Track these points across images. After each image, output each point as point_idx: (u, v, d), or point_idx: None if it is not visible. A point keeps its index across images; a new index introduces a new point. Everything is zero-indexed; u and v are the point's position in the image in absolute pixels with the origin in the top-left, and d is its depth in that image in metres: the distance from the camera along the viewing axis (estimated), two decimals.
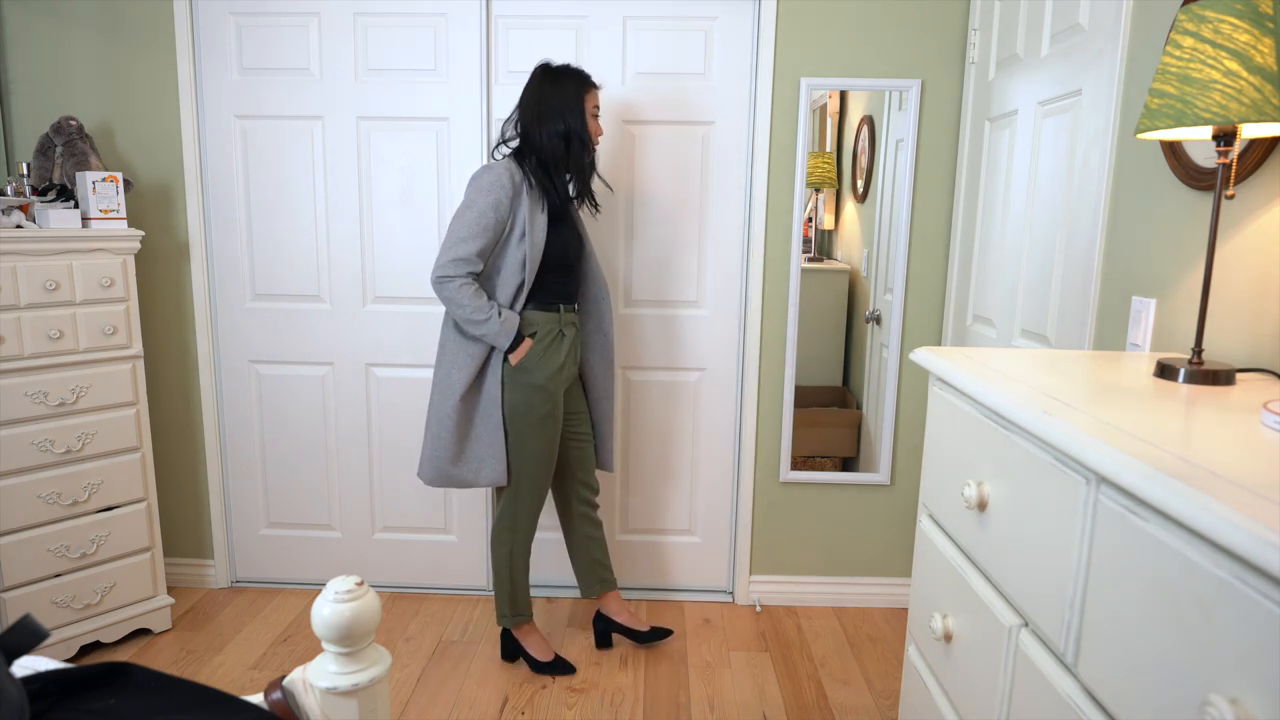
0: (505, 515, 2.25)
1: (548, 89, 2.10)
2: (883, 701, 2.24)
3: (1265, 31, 1.02)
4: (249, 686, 2.25)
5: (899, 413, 2.68)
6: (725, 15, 2.50)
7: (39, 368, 2.18)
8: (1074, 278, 1.81)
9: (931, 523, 1.36)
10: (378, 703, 0.99)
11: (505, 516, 2.25)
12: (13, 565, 2.17)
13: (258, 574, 2.85)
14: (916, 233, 2.58)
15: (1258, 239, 1.27)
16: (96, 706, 0.77)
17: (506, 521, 2.25)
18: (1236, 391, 1.08)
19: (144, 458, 2.42)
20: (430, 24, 2.52)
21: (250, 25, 2.53)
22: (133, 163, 2.60)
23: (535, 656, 2.32)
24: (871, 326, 2.67)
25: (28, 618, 0.75)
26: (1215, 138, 1.11)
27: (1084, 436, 0.84)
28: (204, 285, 2.66)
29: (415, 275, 2.64)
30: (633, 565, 2.80)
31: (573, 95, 2.10)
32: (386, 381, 2.71)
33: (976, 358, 1.27)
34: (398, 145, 2.58)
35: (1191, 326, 1.42)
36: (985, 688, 1.10)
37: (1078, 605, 0.87)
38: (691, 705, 2.20)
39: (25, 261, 2.13)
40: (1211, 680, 0.66)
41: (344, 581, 0.97)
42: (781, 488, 2.74)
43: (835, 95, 2.57)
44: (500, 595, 2.30)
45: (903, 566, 2.78)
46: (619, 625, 2.44)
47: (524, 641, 2.34)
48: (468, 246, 2.03)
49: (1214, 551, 0.67)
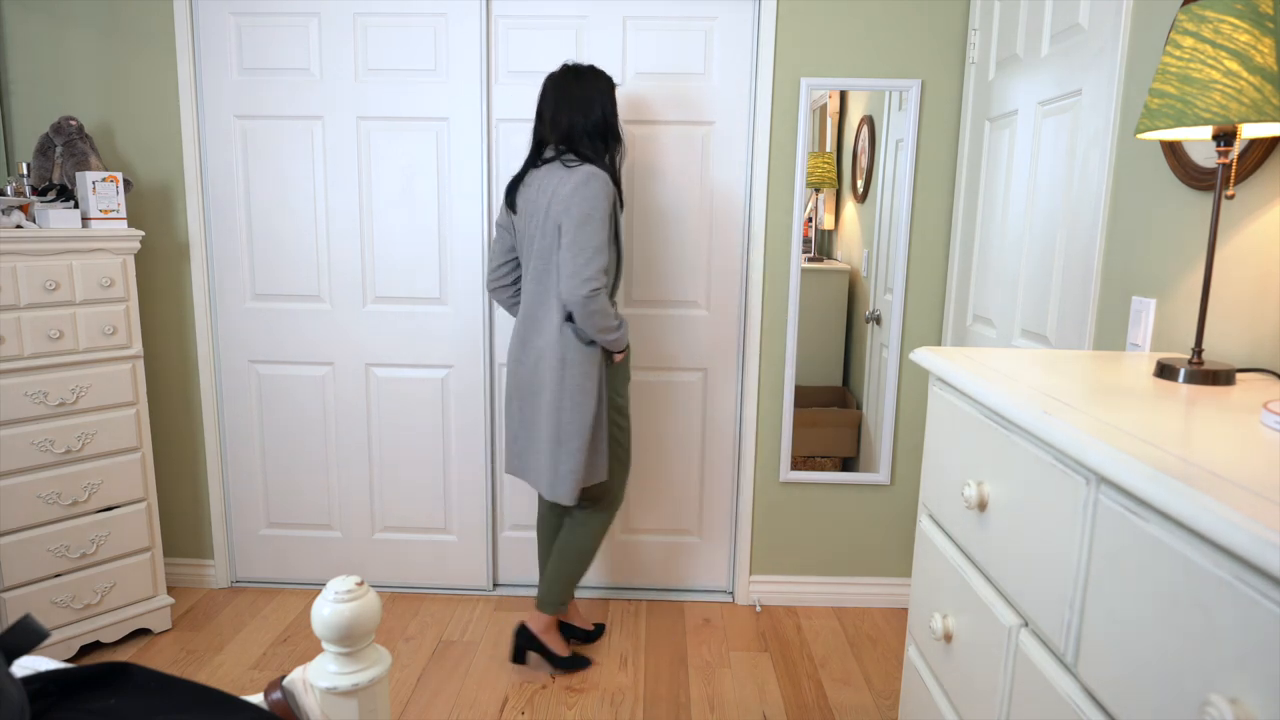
0: (605, 506, 2.28)
1: (605, 85, 2.11)
2: (883, 701, 2.24)
3: (1265, 31, 1.02)
4: (249, 686, 2.25)
5: (899, 413, 2.68)
6: (725, 15, 2.50)
7: (39, 368, 2.18)
8: (1074, 278, 1.81)
9: (931, 523, 1.36)
10: (378, 703, 0.99)
11: (605, 508, 2.28)
12: (13, 565, 2.17)
13: (258, 574, 2.85)
14: (916, 233, 2.58)
15: (1258, 239, 1.27)
16: (96, 706, 0.77)
17: (606, 514, 2.28)
18: (1236, 391, 1.08)
19: (144, 458, 2.42)
20: (430, 24, 2.52)
21: (250, 25, 2.53)
22: (133, 163, 2.60)
23: (556, 651, 2.33)
24: (871, 326, 2.67)
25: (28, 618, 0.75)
26: (1215, 138, 1.11)
27: (1084, 436, 0.84)
28: (204, 285, 2.66)
29: (415, 275, 2.65)
30: (633, 565, 2.80)
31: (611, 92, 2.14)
32: (386, 381, 2.71)
33: (976, 358, 1.27)
34: (398, 145, 2.58)
35: (1191, 326, 1.42)
36: (985, 688, 1.10)
37: (1078, 605, 0.87)
38: (691, 705, 2.20)
39: (25, 261, 2.13)
40: (1211, 680, 0.66)
41: (344, 581, 0.97)
42: (781, 488, 2.74)
43: (835, 95, 2.57)
44: (567, 583, 2.29)
45: (903, 566, 2.78)
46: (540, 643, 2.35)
47: (547, 636, 2.33)
48: (603, 256, 2.00)
49: (1214, 551, 0.67)
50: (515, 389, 2.20)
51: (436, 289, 2.65)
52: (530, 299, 2.13)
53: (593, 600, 2.78)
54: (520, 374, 2.17)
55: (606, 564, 2.80)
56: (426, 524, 2.79)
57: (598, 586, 2.82)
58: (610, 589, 2.82)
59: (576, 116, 2.07)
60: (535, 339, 2.13)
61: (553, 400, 2.10)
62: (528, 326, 2.15)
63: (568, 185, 2.01)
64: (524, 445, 2.21)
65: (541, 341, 2.11)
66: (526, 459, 2.21)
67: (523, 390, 2.17)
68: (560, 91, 2.09)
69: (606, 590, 2.82)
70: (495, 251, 2.25)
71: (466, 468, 2.74)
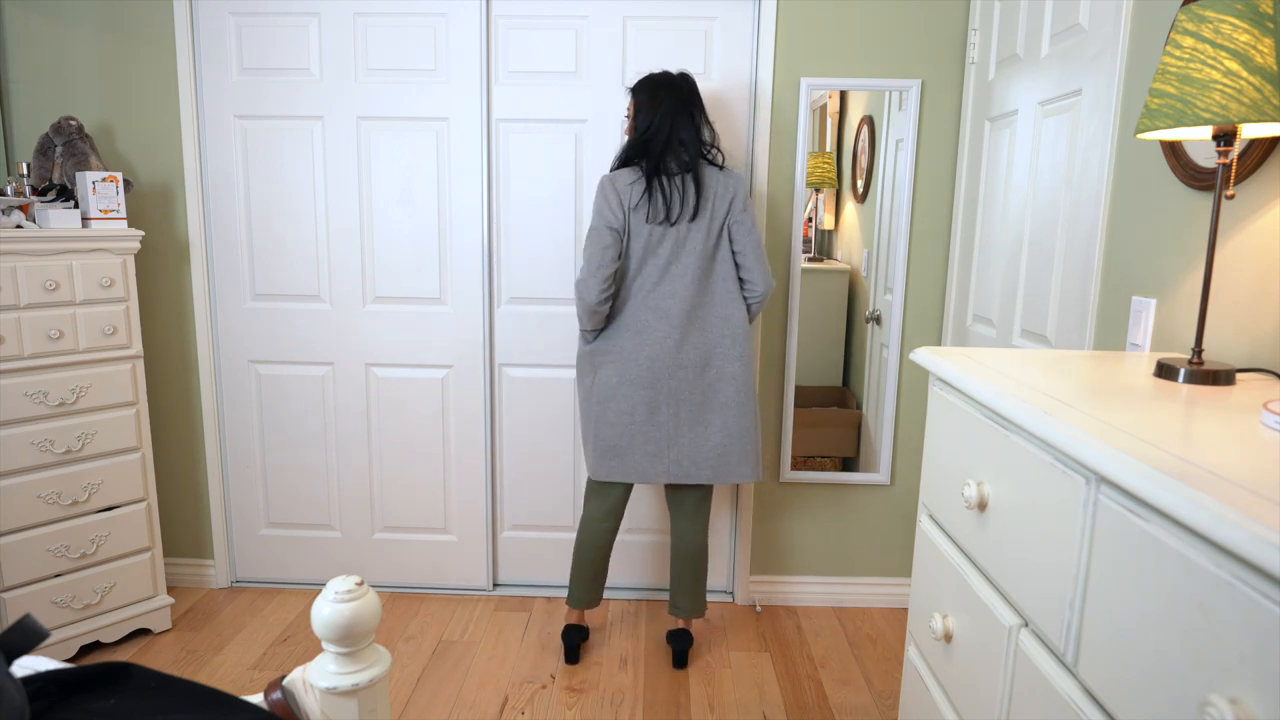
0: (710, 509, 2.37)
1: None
2: (883, 701, 2.24)
3: (1265, 31, 1.02)
4: (249, 686, 2.25)
5: (899, 413, 2.68)
6: (725, 15, 2.50)
7: (39, 368, 2.18)
8: (1074, 278, 1.81)
9: (931, 523, 1.36)
10: (378, 703, 0.99)
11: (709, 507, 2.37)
12: (13, 565, 2.17)
13: (258, 574, 2.85)
14: (916, 233, 2.58)
15: (1258, 239, 1.27)
16: (96, 706, 0.77)
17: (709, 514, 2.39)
18: (1236, 391, 1.08)
19: (144, 458, 2.42)
20: (430, 24, 2.52)
21: (250, 25, 2.53)
22: (133, 163, 2.60)
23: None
24: (871, 326, 2.67)
25: (28, 618, 0.75)
26: (1215, 138, 1.11)
27: (1084, 436, 0.84)
28: (204, 285, 2.66)
29: (415, 275, 2.65)
30: (634, 564, 2.80)
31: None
32: (386, 381, 2.71)
33: (976, 358, 1.27)
34: (398, 145, 2.58)
35: (1191, 326, 1.42)
36: (985, 688, 1.10)
37: (1078, 605, 0.87)
38: (691, 705, 2.20)
39: (25, 261, 2.13)
40: (1211, 680, 0.66)
41: (344, 581, 0.97)
42: (781, 488, 2.74)
43: (835, 95, 2.57)
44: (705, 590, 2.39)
45: (903, 566, 2.78)
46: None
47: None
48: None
49: (1214, 551, 0.67)
50: (669, 394, 2.18)
51: (436, 289, 2.65)
52: (687, 298, 2.15)
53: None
54: (682, 375, 2.18)
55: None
56: (426, 524, 2.79)
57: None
58: (610, 589, 2.82)
59: (702, 133, 2.18)
60: (700, 337, 2.17)
61: (745, 390, 2.20)
62: (687, 326, 2.16)
63: (737, 190, 2.17)
64: (689, 446, 2.21)
65: (712, 337, 2.18)
66: (698, 458, 2.21)
67: (684, 391, 2.18)
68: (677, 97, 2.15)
69: (607, 590, 2.82)
70: (608, 258, 2.12)
71: (466, 468, 2.74)
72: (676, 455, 2.21)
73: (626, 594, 2.81)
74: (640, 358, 2.16)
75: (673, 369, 2.16)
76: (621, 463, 2.22)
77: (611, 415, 2.20)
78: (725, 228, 2.16)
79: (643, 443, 2.20)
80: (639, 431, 2.19)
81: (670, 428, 2.19)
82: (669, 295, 2.15)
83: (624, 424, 2.19)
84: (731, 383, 2.19)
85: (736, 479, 2.23)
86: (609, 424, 2.20)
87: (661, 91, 2.14)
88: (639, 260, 2.15)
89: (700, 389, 2.18)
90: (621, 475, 2.23)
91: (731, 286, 2.18)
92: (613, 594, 2.81)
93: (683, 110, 2.13)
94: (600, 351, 2.22)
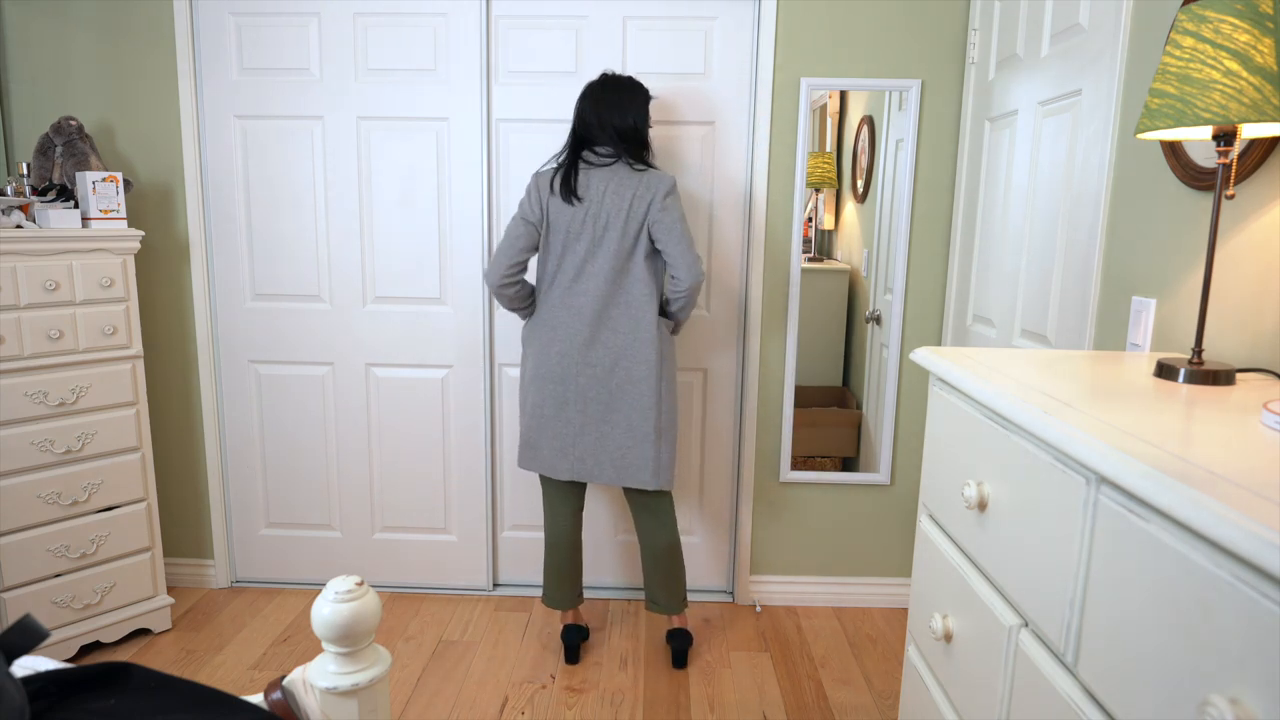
0: (673, 505, 2.34)
1: (645, 97, 2.20)
2: (883, 701, 2.24)
3: (1265, 31, 1.02)
4: (249, 686, 2.25)
5: (899, 413, 2.68)
6: (725, 15, 2.50)
7: (39, 368, 2.18)
8: (1074, 278, 1.81)
9: (931, 523, 1.36)
10: (378, 703, 0.99)
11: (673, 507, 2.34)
12: (13, 565, 2.17)
13: (258, 574, 2.85)
14: (916, 233, 2.58)
15: (1258, 239, 1.27)
16: (96, 706, 0.77)
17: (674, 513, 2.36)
18: (1236, 391, 1.08)
19: (144, 458, 2.42)
20: (430, 24, 2.52)
21: (250, 25, 2.53)
22: (133, 163, 2.60)
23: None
24: (871, 326, 2.67)
25: (28, 618, 0.75)
26: (1215, 138, 1.11)
27: (1084, 436, 0.84)
28: (204, 285, 2.66)
29: (415, 275, 2.65)
30: (633, 565, 2.80)
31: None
32: (386, 381, 2.71)
33: (977, 358, 1.27)
34: (398, 145, 2.58)
35: (1191, 326, 1.42)
36: (985, 688, 1.10)
37: (1078, 605, 0.87)
38: (691, 705, 2.20)
39: (25, 261, 2.13)
40: (1211, 680, 0.66)
41: (344, 581, 0.97)
42: (781, 488, 2.74)
43: (835, 95, 2.57)
44: (683, 585, 2.37)
45: (903, 566, 2.78)
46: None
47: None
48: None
49: (1214, 551, 0.67)
50: (577, 391, 2.18)
51: (436, 289, 2.65)
52: (599, 297, 2.14)
53: (593, 600, 2.78)
54: (589, 374, 2.16)
55: (606, 564, 2.80)
56: (426, 524, 2.79)
57: (598, 586, 2.82)
58: (610, 589, 2.82)
59: (627, 121, 2.14)
60: (610, 337, 2.15)
61: (651, 394, 2.16)
62: (597, 325, 2.15)
63: (656, 190, 2.11)
64: (593, 445, 2.20)
65: (622, 339, 2.15)
66: (601, 458, 2.20)
67: (591, 390, 2.17)
68: (617, 93, 2.15)
69: (607, 590, 2.82)
70: (517, 248, 2.17)
71: (466, 468, 2.74)
72: (580, 453, 2.21)
73: (627, 594, 2.81)
74: (552, 353, 2.18)
75: (581, 366, 2.16)
76: (535, 454, 2.25)
77: (529, 406, 2.24)
78: (644, 228, 2.13)
79: (551, 438, 2.22)
80: (548, 426, 2.21)
81: (576, 425, 2.20)
82: (583, 293, 2.15)
83: (536, 416, 2.23)
84: (638, 385, 2.16)
85: (638, 483, 2.20)
86: (526, 414, 2.26)
87: (600, 89, 2.17)
88: (558, 255, 2.17)
89: (608, 389, 2.17)
90: (537, 467, 2.26)
91: (647, 289, 2.15)
92: (613, 594, 2.81)
93: (615, 105, 2.14)
94: (526, 341, 2.26)
